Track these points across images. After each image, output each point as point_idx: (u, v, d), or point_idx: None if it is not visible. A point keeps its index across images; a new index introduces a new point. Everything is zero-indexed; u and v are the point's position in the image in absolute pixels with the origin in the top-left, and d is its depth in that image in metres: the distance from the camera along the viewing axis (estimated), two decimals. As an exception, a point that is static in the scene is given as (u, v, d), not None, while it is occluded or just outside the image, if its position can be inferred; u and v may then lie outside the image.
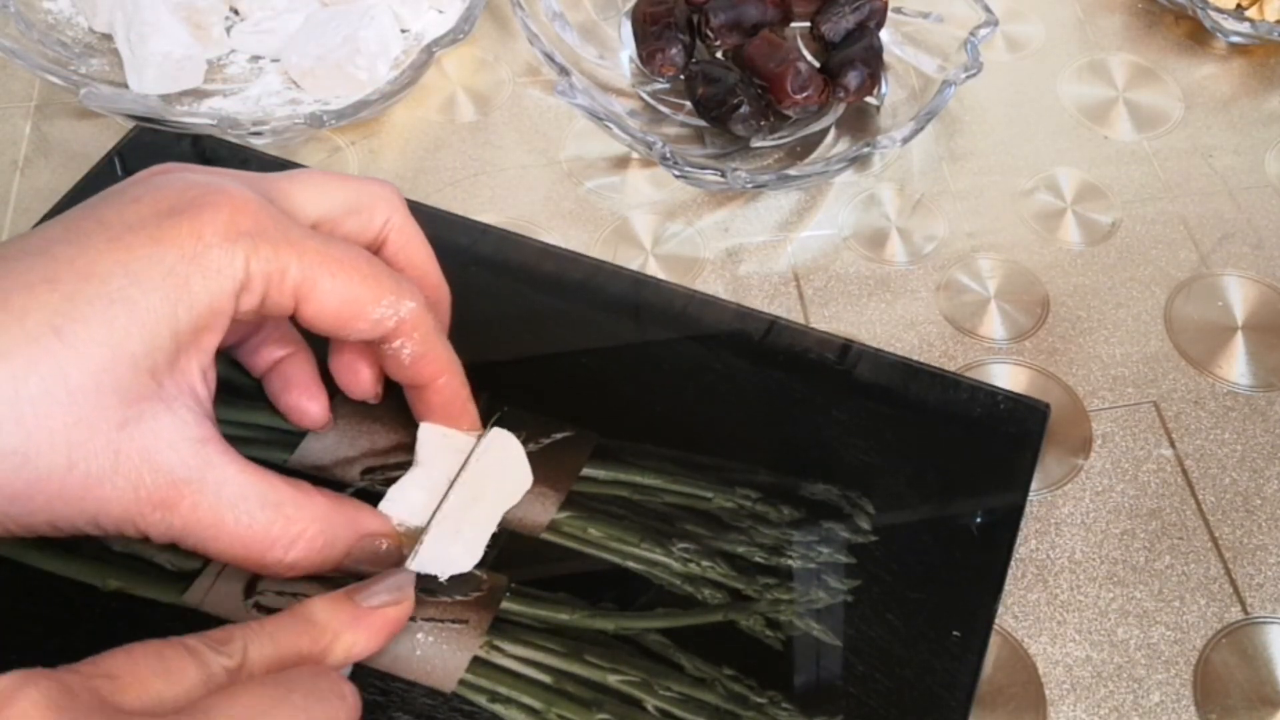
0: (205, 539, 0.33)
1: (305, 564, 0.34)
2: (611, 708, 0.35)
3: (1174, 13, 0.61)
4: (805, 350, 0.44)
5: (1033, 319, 0.48)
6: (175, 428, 0.32)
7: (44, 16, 0.54)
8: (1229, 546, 0.41)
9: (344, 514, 0.35)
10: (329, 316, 0.34)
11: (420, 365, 0.37)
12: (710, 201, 0.51)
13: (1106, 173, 0.53)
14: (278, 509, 0.34)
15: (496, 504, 0.39)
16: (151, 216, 0.32)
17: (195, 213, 0.32)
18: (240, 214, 0.33)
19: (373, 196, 0.37)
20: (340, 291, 0.34)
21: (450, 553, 0.37)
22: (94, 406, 0.31)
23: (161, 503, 0.32)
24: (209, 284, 0.32)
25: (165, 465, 0.32)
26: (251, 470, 0.34)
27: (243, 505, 0.33)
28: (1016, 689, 0.38)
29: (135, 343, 0.31)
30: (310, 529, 0.34)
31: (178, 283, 0.32)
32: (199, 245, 0.32)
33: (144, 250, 0.31)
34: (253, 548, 0.33)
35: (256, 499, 0.33)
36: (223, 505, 0.33)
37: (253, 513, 0.33)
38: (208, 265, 0.32)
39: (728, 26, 0.53)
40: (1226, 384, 0.46)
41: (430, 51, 0.51)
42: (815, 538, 0.39)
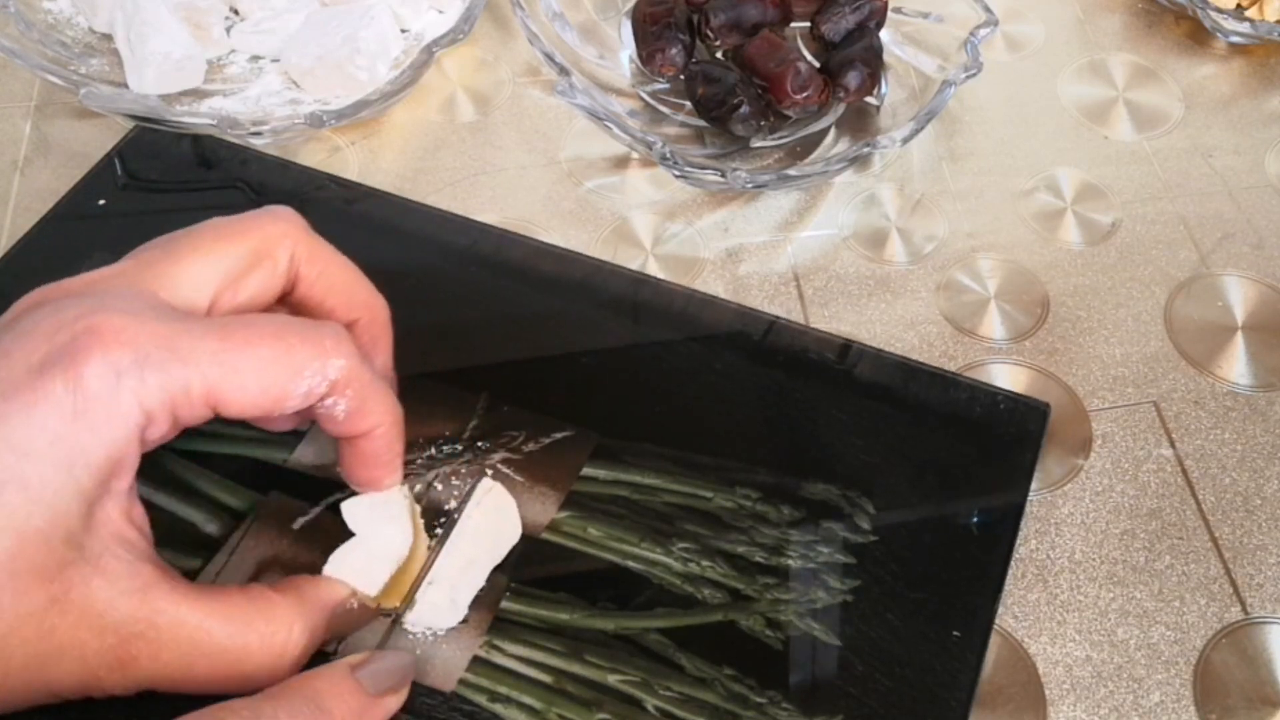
0: (181, 682, 0.31)
1: (303, 660, 0.33)
2: (611, 708, 0.35)
3: (1174, 13, 0.61)
4: (805, 350, 0.44)
5: (1033, 319, 0.48)
6: (109, 585, 0.30)
7: (44, 16, 0.54)
8: (1229, 546, 0.41)
9: (309, 599, 0.34)
10: (253, 409, 0.32)
11: (355, 420, 0.34)
12: (710, 201, 0.51)
13: (1106, 173, 0.53)
14: (249, 626, 0.32)
15: (487, 560, 0.38)
16: (24, 375, 0.30)
17: (68, 362, 0.30)
18: (116, 349, 0.30)
19: (268, 238, 0.35)
20: (255, 382, 0.32)
21: (442, 612, 0.37)
22: (14, 593, 0.29)
23: (118, 664, 0.30)
24: (101, 436, 0.30)
25: (110, 627, 0.30)
26: (206, 598, 0.32)
27: (209, 639, 0.31)
28: (1016, 689, 0.38)
29: (38, 520, 0.29)
30: (294, 628, 0.33)
31: (67, 447, 0.29)
32: (80, 400, 0.29)
33: (21, 420, 0.29)
34: (244, 668, 0.32)
35: (221, 627, 0.31)
36: (186, 645, 0.31)
37: (223, 641, 0.31)
38: (95, 419, 0.30)
39: (728, 26, 0.53)
40: (1226, 384, 0.46)
41: (430, 51, 0.51)
42: (815, 537, 0.39)
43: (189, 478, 0.39)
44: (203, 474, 0.39)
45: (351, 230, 0.46)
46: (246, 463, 0.40)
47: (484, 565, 0.38)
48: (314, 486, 0.39)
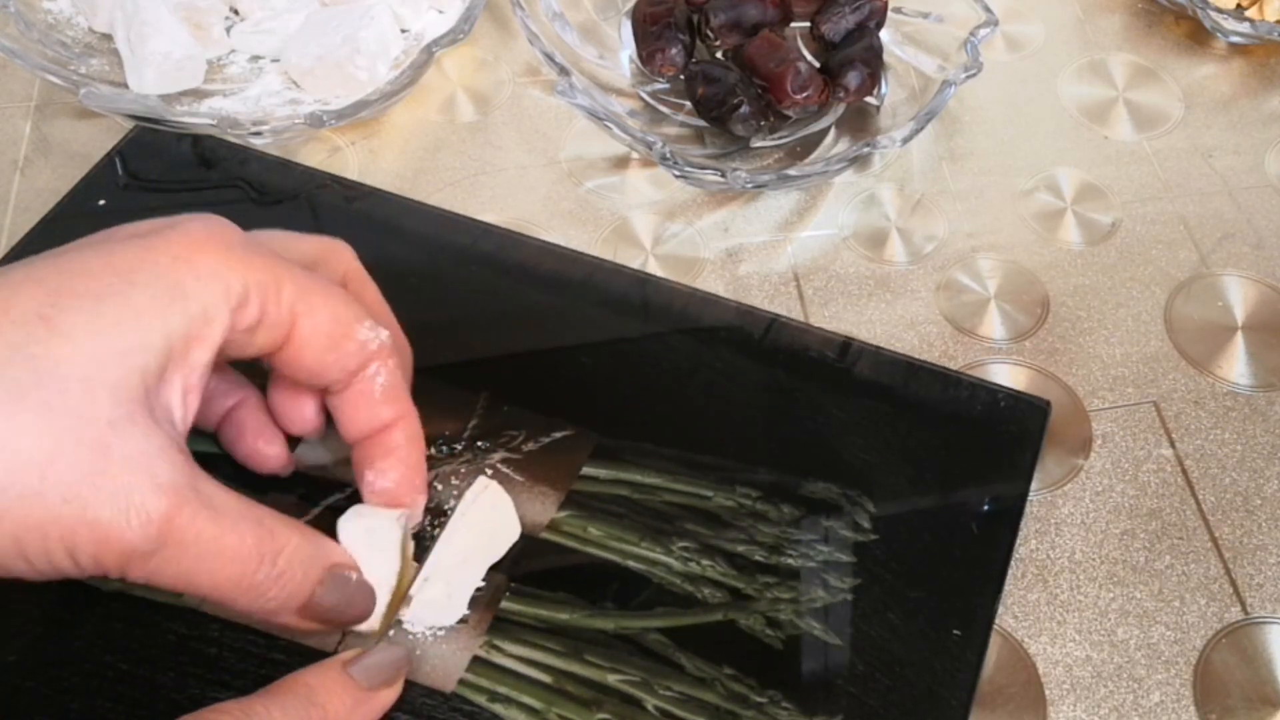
0: (198, 563, 0.30)
1: (290, 582, 0.32)
2: (611, 707, 0.35)
3: (1174, 13, 0.61)
4: (805, 349, 0.44)
5: (1033, 319, 0.48)
6: (161, 444, 0.29)
7: (44, 16, 0.54)
8: (1229, 546, 0.41)
9: (314, 538, 0.33)
10: (322, 337, 0.33)
11: (390, 399, 0.35)
12: (710, 201, 0.51)
13: (1106, 173, 0.53)
14: (260, 523, 0.31)
15: (484, 558, 0.38)
16: (134, 233, 0.31)
17: (184, 226, 0.31)
18: (229, 230, 0.32)
19: (330, 249, 0.36)
20: (331, 309, 0.33)
21: (440, 609, 0.37)
22: (81, 397, 0.28)
23: (156, 524, 0.29)
24: (203, 288, 0.30)
25: (158, 482, 0.29)
26: (227, 487, 0.31)
27: (233, 522, 0.30)
28: (1016, 689, 0.38)
29: (127, 338, 0.29)
30: (292, 542, 0.32)
31: (171, 284, 0.30)
32: (192, 251, 0.30)
33: (134, 253, 0.30)
34: (247, 564, 0.31)
35: (242, 512, 0.31)
36: (217, 516, 0.30)
37: (242, 526, 0.30)
38: (202, 269, 0.30)
39: (728, 26, 0.53)
40: (1226, 384, 0.46)
41: (430, 51, 0.51)
42: (815, 536, 0.39)
43: (189, 477, 0.39)
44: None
45: (352, 230, 0.46)
46: (246, 462, 0.40)
47: (481, 563, 0.38)
48: (314, 486, 0.39)
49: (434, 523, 0.39)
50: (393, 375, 0.35)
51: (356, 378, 0.34)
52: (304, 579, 0.32)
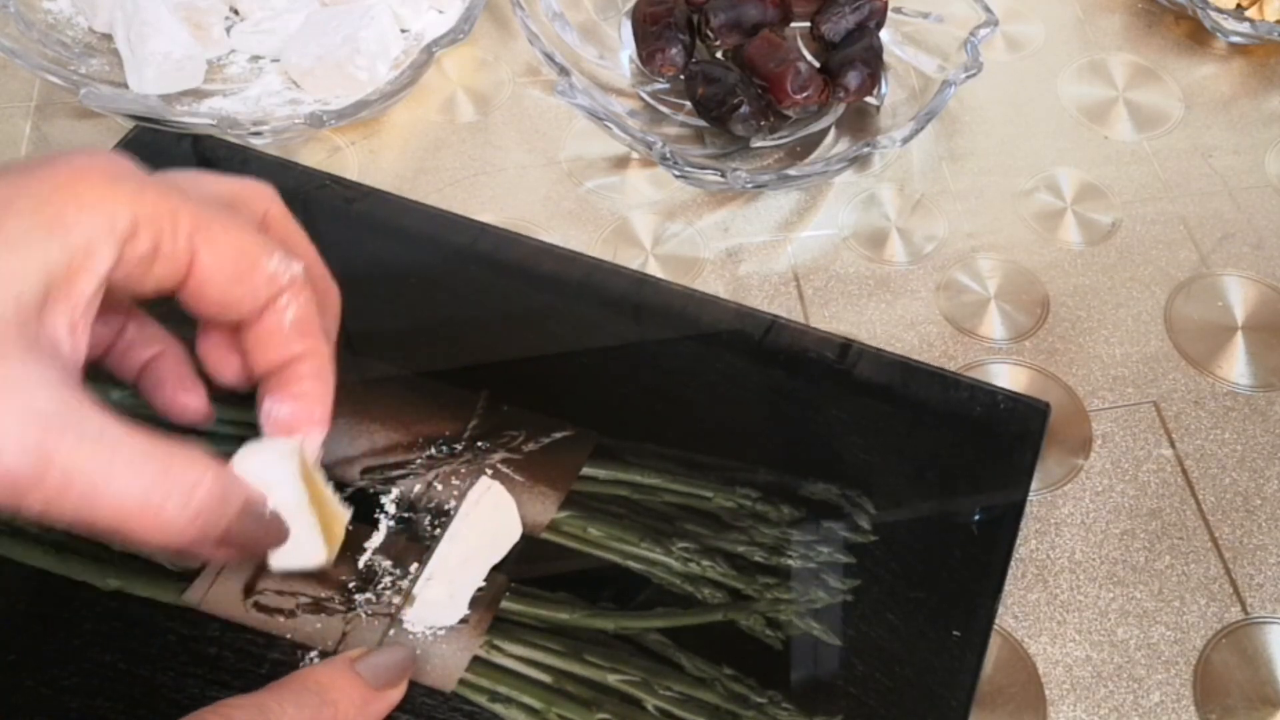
0: (90, 496, 0.28)
1: (205, 519, 0.30)
2: (611, 707, 0.35)
3: (1174, 13, 0.61)
4: (805, 350, 0.44)
5: (1033, 319, 0.48)
6: (41, 373, 0.28)
7: (44, 16, 0.54)
8: (1229, 546, 0.41)
9: (225, 475, 0.31)
10: (226, 269, 0.31)
11: (301, 333, 0.34)
12: (710, 201, 0.51)
13: (1106, 173, 0.53)
14: (169, 457, 0.29)
15: (486, 558, 0.38)
16: (17, 167, 0.29)
17: (69, 157, 0.29)
18: (119, 162, 0.30)
19: (249, 189, 0.34)
20: (233, 242, 0.31)
21: (441, 609, 0.37)
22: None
23: (32, 451, 0.27)
24: (86, 218, 0.29)
25: (34, 409, 0.28)
26: (129, 422, 0.29)
27: (127, 454, 0.29)
28: (1016, 689, 0.38)
29: (1, 267, 0.28)
30: (205, 476, 0.30)
31: (51, 214, 0.28)
32: (75, 180, 0.29)
33: (13, 183, 0.28)
34: (150, 499, 0.29)
35: (142, 447, 0.29)
36: (108, 452, 0.28)
37: (140, 462, 0.29)
38: (85, 199, 0.29)
39: (728, 26, 0.53)
40: (1226, 384, 0.46)
41: (430, 51, 0.51)
42: (815, 537, 0.39)
43: (189, 477, 0.39)
44: (203, 474, 0.39)
45: (352, 230, 0.46)
46: (246, 462, 0.40)
47: (483, 563, 0.38)
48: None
49: (435, 522, 0.39)
50: (305, 309, 0.34)
51: (267, 310, 0.33)
52: (219, 518, 0.31)
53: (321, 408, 0.35)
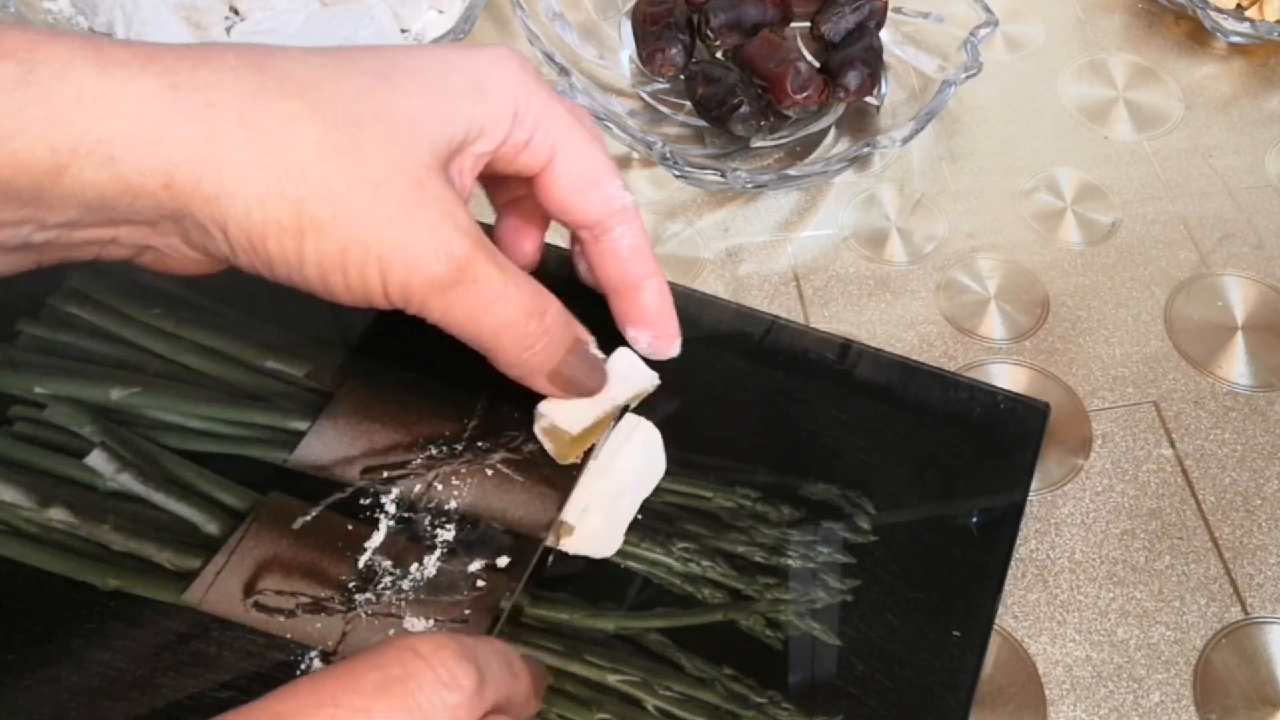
0: (484, 304, 0.35)
1: (551, 342, 0.37)
2: (611, 708, 0.35)
3: (1174, 13, 0.61)
4: (805, 350, 0.44)
5: (1033, 319, 0.48)
6: (459, 198, 0.34)
7: (44, 16, 0.54)
8: (1229, 546, 0.41)
9: (567, 310, 0.38)
10: (572, 179, 0.37)
11: (636, 259, 0.39)
12: (710, 201, 0.51)
13: (1106, 173, 0.53)
14: (532, 282, 0.36)
15: (636, 493, 0.40)
16: (449, 45, 0.36)
17: (494, 46, 0.37)
18: (523, 57, 0.37)
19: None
20: (589, 156, 0.37)
21: (599, 540, 0.38)
22: (409, 139, 0.33)
23: (459, 258, 0.34)
24: (501, 95, 0.35)
25: (462, 224, 0.34)
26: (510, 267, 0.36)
27: (517, 276, 0.36)
28: (1016, 689, 0.38)
29: (444, 108, 0.34)
30: (554, 305, 0.37)
31: (479, 82, 0.35)
32: (499, 62, 0.36)
33: (454, 52, 0.36)
34: (520, 314, 0.36)
35: (519, 270, 0.36)
36: (503, 266, 0.35)
37: (523, 282, 0.36)
38: (504, 79, 0.36)
39: (728, 26, 0.53)
40: (1226, 384, 0.46)
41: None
42: (815, 537, 0.39)
43: (189, 478, 0.39)
44: (203, 474, 0.39)
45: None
46: (246, 463, 0.40)
47: (635, 497, 0.39)
48: (314, 486, 0.39)
49: (435, 522, 0.39)
50: (638, 238, 0.40)
51: (606, 235, 0.39)
52: (560, 341, 0.38)
53: (672, 325, 0.41)
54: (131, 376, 0.42)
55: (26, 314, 0.43)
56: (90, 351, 0.42)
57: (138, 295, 0.44)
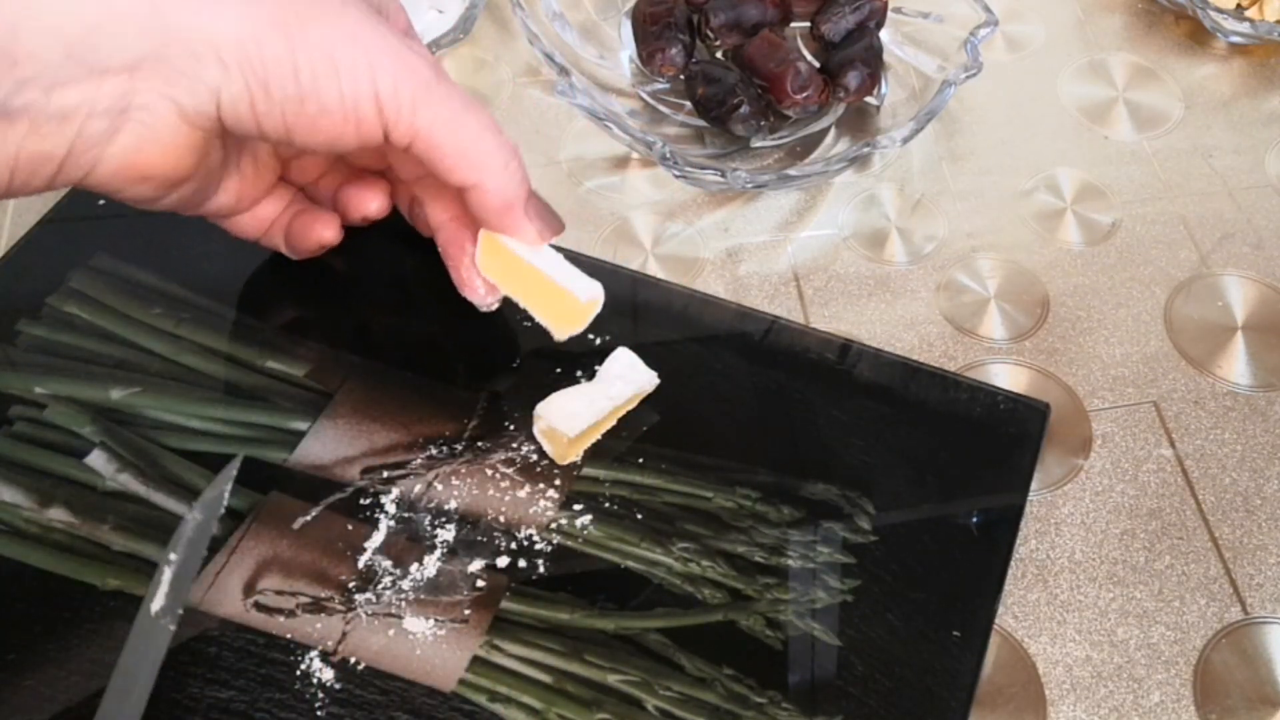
0: (464, 106, 0.36)
1: (520, 170, 0.38)
2: (611, 707, 0.35)
3: (1174, 13, 0.61)
4: (805, 350, 0.44)
5: (1033, 319, 0.48)
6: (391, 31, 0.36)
7: None
8: (1229, 546, 0.41)
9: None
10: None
11: None
12: (710, 201, 0.51)
13: (1106, 173, 0.53)
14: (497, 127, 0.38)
15: (613, 396, 0.41)
16: None
17: None
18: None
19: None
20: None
21: (565, 416, 0.40)
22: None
23: (432, 60, 0.36)
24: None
25: (421, 48, 0.36)
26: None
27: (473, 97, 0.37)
28: (1016, 689, 0.38)
29: None
30: (516, 153, 0.38)
31: None
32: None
33: None
34: (491, 117, 0.37)
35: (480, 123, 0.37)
36: (468, 94, 0.37)
37: (482, 105, 0.37)
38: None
39: (728, 26, 0.53)
40: (1226, 384, 0.46)
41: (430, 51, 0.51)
42: (815, 537, 0.39)
43: (189, 478, 0.39)
44: (203, 474, 0.39)
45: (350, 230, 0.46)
46: (246, 463, 0.40)
47: (609, 401, 0.40)
48: (314, 486, 0.39)
49: (435, 522, 0.39)
50: None
51: None
52: (525, 173, 0.38)
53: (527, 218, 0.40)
54: (131, 376, 0.42)
55: (26, 314, 0.43)
56: (90, 351, 0.42)
57: (138, 295, 0.44)
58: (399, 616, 0.37)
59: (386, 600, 0.37)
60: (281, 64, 0.33)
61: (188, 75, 0.33)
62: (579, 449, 0.40)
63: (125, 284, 0.44)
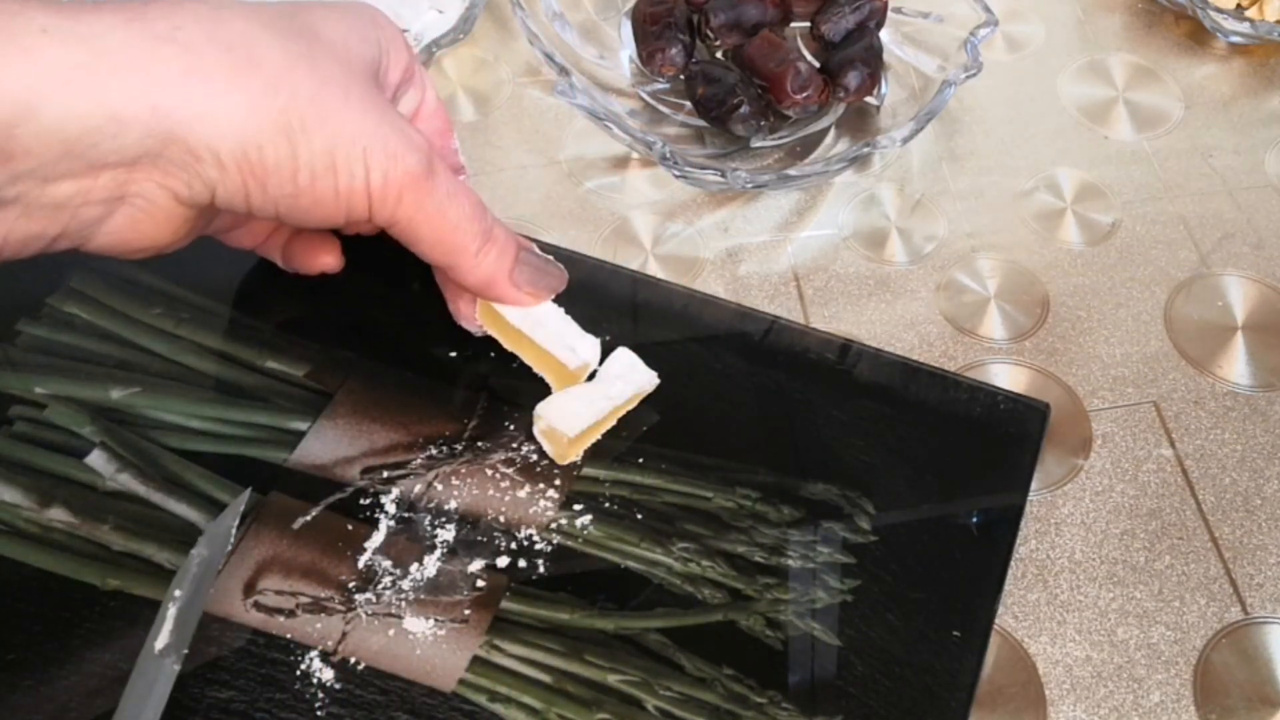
0: (450, 195, 0.37)
1: (501, 248, 0.39)
2: (611, 708, 0.35)
3: (1174, 13, 0.61)
4: (805, 350, 0.44)
5: (1033, 319, 0.48)
6: (403, 123, 0.36)
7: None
8: (1229, 546, 0.41)
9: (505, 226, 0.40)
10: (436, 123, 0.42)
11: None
12: (710, 201, 0.51)
13: (1106, 173, 0.53)
14: (479, 203, 0.38)
15: (613, 397, 0.41)
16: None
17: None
18: None
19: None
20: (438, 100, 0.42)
21: (565, 414, 0.40)
22: (345, 54, 0.35)
23: (423, 147, 0.36)
24: (390, 30, 0.38)
25: (415, 136, 0.36)
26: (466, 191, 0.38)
27: (460, 184, 0.38)
28: (1016, 689, 0.38)
29: (358, 35, 0.36)
30: (498, 224, 0.39)
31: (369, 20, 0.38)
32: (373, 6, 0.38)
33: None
34: (475, 217, 0.37)
35: (465, 187, 0.38)
36: (453, 180, 0.37)
37: (466, 187, 0.38)
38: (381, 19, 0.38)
39: (728, 26, 0.53)
40: (1226, 384, 0.46)
41: (430, 51, 0.51)
42: (815, 538, 0.39)
43: (189, 478, 0.39)
44: (203, 474, 0.39)
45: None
46: (246, 463, 0.40)
47: (609, 401, 0.40)
48: (314, 486, 0.39)
49: (435, 522, 0.39)
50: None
51: None
52: (509, 238, 0.39)
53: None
54: (131, 376, 0.42)
55: (26, 314, 0.43)
56: (90, 351, 0.42)
57: (138, 295, 0.44)
58: (399, 616, 0.37)
59: (386, 600, 0.37)
60: (282, 168, 0.34)
61: (186, 171, 0.33)
62: (579, 449, 0.40)
63: (125, 284, 0.44)
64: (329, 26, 0.36)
